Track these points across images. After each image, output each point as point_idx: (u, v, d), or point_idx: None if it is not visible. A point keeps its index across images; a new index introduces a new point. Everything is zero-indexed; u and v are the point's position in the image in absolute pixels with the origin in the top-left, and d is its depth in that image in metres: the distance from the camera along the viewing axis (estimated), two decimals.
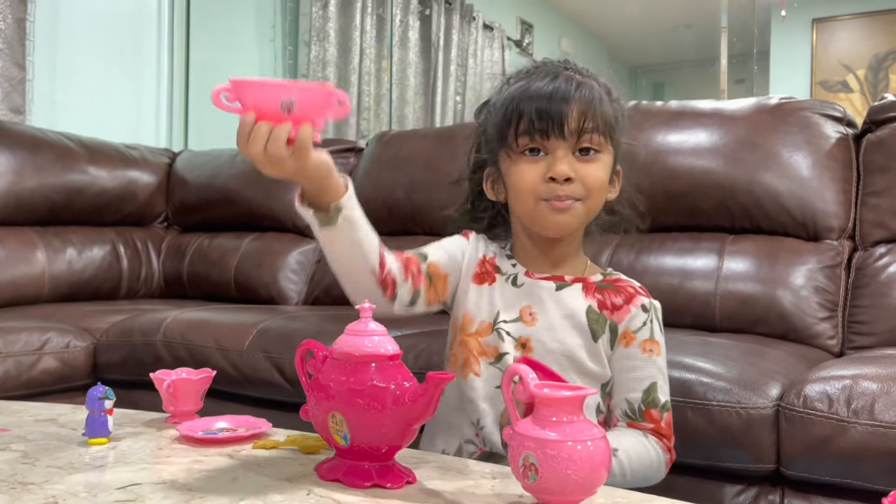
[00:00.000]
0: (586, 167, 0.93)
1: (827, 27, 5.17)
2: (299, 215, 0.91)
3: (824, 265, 1.56)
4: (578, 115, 0.92)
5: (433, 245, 1.03)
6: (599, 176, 0.94)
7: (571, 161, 0.93)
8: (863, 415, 1.02)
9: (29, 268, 2.14)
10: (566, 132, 0.92)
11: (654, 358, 0.97)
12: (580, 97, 0.92)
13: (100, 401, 0.88)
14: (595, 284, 0.99)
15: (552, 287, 0.99)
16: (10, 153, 2.17)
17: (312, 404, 0.77)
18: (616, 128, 0.97)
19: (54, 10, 2.70)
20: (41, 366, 1.63)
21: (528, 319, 0.97)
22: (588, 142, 0.93)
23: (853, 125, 1.68)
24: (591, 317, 0.97)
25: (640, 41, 6.27)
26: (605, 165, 0.96)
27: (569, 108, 0.91)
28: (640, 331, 0.97)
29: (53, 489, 0.71)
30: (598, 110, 0.93)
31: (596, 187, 0.94)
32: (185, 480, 0.74)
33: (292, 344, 1.52)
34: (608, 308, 0.97)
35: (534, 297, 0.98)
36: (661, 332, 0.99)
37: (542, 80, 0.94)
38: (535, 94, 0.93)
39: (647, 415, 0.95)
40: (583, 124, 0.92)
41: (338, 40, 3.60)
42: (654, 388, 0.96)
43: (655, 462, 0.93)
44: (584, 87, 0.93)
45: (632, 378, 0.96)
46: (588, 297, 0.98)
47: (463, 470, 0.80)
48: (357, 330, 0.76)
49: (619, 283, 1.01)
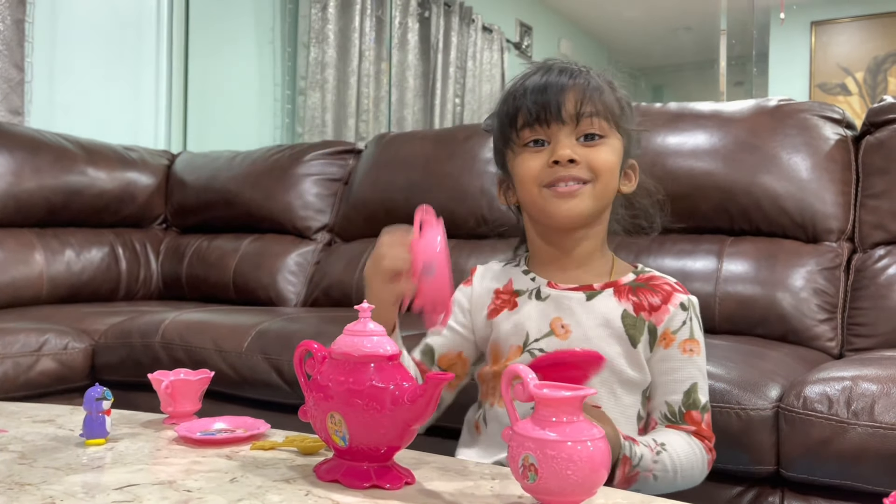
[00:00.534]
0: (592, 150, 0.92)
1: (826, 30, 5.18)
2: (299, 217, 0.93)
3: (823, 267, 1.56)
4: (576, 99, 0.91)
5: None
6: (608, 158, 0.92)
7: (575, 145, 0.92)
8: (863, 416, 1.02)
9: (27, 269, 2.13)
10: (565, 116, 0.91)
11: (695, 358, 0.94)
12: (575, 84, 0.92)
13: (97, 402, 0.87)
14: (628, 286, 0.95)
15: (582, 297, 0.95)
16: (9, 154, 2.16)
17: (311, 405, 0.76)
18: (622, 116, 0.95)
19: (53, 12, 2.70)
20: (39, 367, 1.63)
21: (560, 333, 0.94)
22: (590, 126, 0.92)
23: (852, 127, 1.68)
24: (627, 322, 0.93)
25: (640, 44, 6.28)
26: (613, 149, 0.93)
27: (565, 93, 0.91)
28: (680, 331, 0.93)
29: (51, 490, 0.71)
30: (597, 96, 0.92)
31: (605, 169, 0.92)
32: (183, 481, 0.74)
33: (291, 345, 1.52)
34: (645, 309, 0.93)
35: (563, 308, 0.95)
36: (700, 328, 0.96)
37: (537, 75, 0.94)
38: (530, 86, 0.93)
39: (687, 417, 0.92)
40: (580, 108, 0.91)
41: (337, 42, 3.60)
42: (695, 388, 0.93)
43: (700, 462, 0.92)
44: (580, 76, 0.93)
45: (672, 380, 0.93)
46: (622, 301, 0.94)
47: (462, 471, 0.79)
48: (356, 330, 0.76)
49: (653, 280, 0.97)
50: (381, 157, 2.21)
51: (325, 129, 3.54)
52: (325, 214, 2.33)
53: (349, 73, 3.65)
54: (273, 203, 2.33)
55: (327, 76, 3.55)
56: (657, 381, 0.94)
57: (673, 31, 5.77)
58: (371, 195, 2.18)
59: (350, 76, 3.65)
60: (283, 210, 2.32)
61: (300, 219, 2.31)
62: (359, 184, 2.24)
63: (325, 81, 3.55)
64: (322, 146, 2.42)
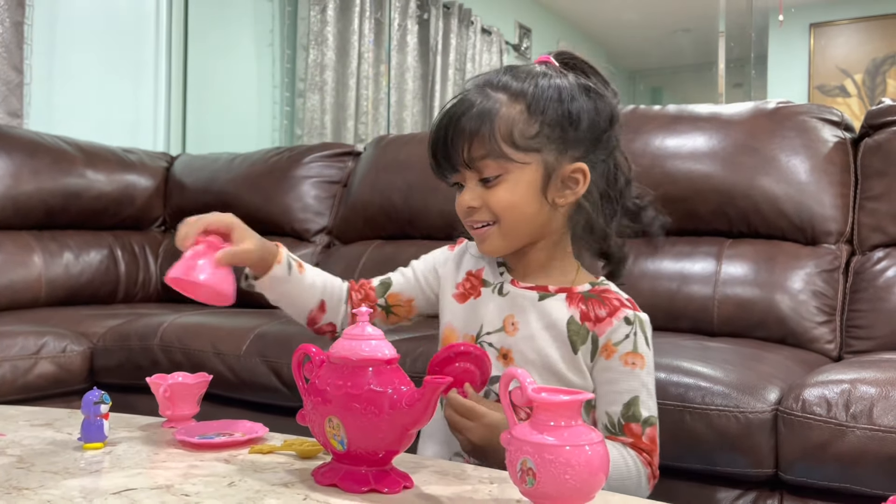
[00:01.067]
0: (490, 192, 0.94)
1: (825, 32, 5.19)
2: (297, 220, 0.96)
3: (822, 269, 1.56)
4: (459, 148, 0.93)
5: (412, 264, 1.11)
6: (503, 198, 0.93)
7: (476, 188, 0.94)
8: (861, 419, 1.02)
9: (26, 272, 2.13)
10: (459, 166, 0.94)
11: (637, 371, 0.94)
12: (464, 128, 0.92)
13: (95, 405, 0.87)
14: (581, 294, 0.97)
15: (535, 297, 0.98)
16: (8, 157, 2.16)
17: (309, 409, 0.76)
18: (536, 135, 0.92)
19: (52, 14, 2.70)
20: (37, 370, 1.63)
21: (510, 329, 0.97)
22: (483, 170, 0.93)
23: (851, 129, 1.68)
24: (571, 328, 0.95)
25: (639, 46, 6.29)
26: (513, 185, 0.93)
27: (455, 143, 0.93)
28: (622, 343, 0.94)
29: (49, 494, 0.71)
30: (487, 131, 0.91)
31: (502, 209, 0.94)
32: (181, 485, 0.74)
33: (289, 348, 1.51)
34: (591, 320, 0.95)
35: (517, 306, 0.98)
36: (647, 345, 0.95)
37: (436, 120, 0.96)
38: (431, 136, 0.96)
39: (626, 429, 0.93)
40: (468, 154, 0.92)
41: (336, 44, 3.61)
42: (636, 402, 0.93)
43: (634, 474, 0.91)
44: (470, 117, 0.92)
45: (612, 391, 0.94)
46: (571, 307, 0.96)
47: (460, 475, 0.79)
48: (354, 334, 0.76)
49: (605, 293, 0.98)
50: (379, 160, 2.21)
51: (325, 131, 3.54)
52: (324, 217, 2.33)
53: (348, 75, 3.65)
54: (272, 205, 2.33)
55: (326, 78, 3.55)
56: (599, 391, 0.95)
57: (672, 34, 5.78)
58: (370, 197, 2.18)
59: (349, 78, 3.65)
60: (282, 212, 2.32)
61: (299, 221, 2.31)
62: (358, 186, 2.24)
63: (324, 83, 3.55)
64: (321, 148, 2.42)
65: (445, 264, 1.08)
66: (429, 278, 1.08)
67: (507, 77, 0.96)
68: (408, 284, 1.09)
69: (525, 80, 0.95)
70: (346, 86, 3.64)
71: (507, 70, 0.98)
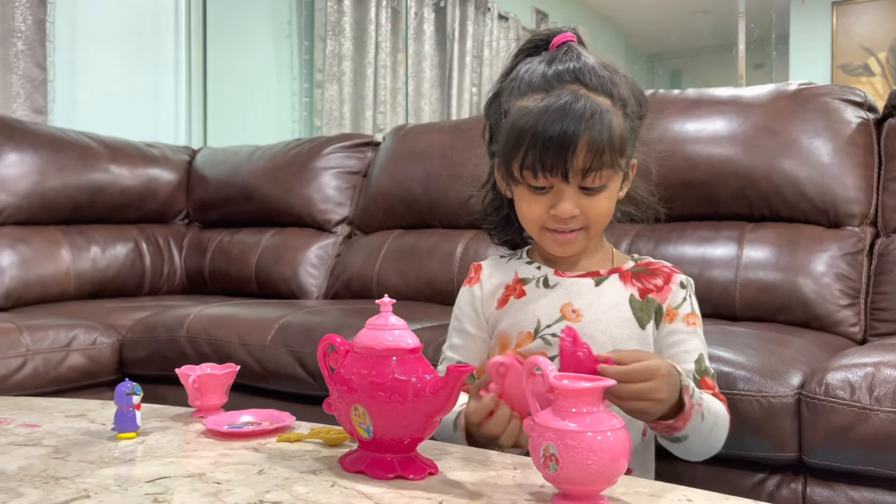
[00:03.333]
0: (591, 201, 0.93)
1: (847, 10, 5.09)
2: (318, 211, 0.90)
3: (846, 252, 1.54)
4: (584, 157, 0.89)
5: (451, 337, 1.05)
6: (604, 206, 0.94)
7: (576, 196, 0.92)
8: (885, 402, 1.02)
9: (55, 266, 2.17)
10: (570, 174, 0.90)
11: (698, 330, 0.98)
12: (588, 136, 0.88)
13: (128, 396, 0.90)
14: (630, 272, 1.00)
15: (591, 283, 0.98)
16: (34, 153, 2.20)
17: (335, 397, 0.78)
18: (629, 142, 0.94)
19: (73, 11, 2.74)
20: (69, 362, 1.67)
21: (571, 317, 0.96)
22: (594, 181, 0.91)
23: (874, 110, 1.66)
24: (634, 305, 0.97)
25: (657, 29, 6.22)
26: (611, 193, 0.95)
27: (576, 151, 0.88)
28: (682, 306, 0.98)
29: (85, 483, 0.73)
30: (608, 143, 0.89)
31: (600, 218, 0.95)
32: (212, 473, 0.76)
33: (314, 338, 1.54)
34: (651, 291, 0.98)
35: (573, 294, 0.98)
36: (697, 307, 1.00)
37: (550, 116, 0.89)
38: (542, 132, 0.89)
39: (703, 383, 0.95)
40: (590, 164, 0.89)
41: (353, 34, 3.61)
42: (702, 358, 0.96)
43: (725, 417, 0.93)
44: (595, 121, 0.89)
45: (682, 351, 0.96)
46: (628, 286, 0.98)
47: (485, 461, 0.81)
48: (378, 324, 0.77)
49: (651, 265, 1.01)
50: (399, 149, 2.22)
51: (343, 121, 3.56)
52: (345, 207, 2.35)
53: (366, 64, 3.66)
54: (293, 197, 2.35)
55: (344, 68, 3.57)
56: (667, 354, 0.96)
57: (690, 15, 5.71)
58: (390, 187, 2.19)
59: (367, 68, 3.66)
60: (303, 203, 2.34)
61: (320, 212, 2.33)
62: (377, 176, 2.25)
63: (342, 74, 3.56)
64: (340, 139, 2.44)
65: (481, 298, 1.03)
66: (478, 324, 1.03)
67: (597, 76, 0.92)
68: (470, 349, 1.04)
69: (608, 78, 0.93)
70: (363, 76, 3.65)
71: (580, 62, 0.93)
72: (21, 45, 2.49)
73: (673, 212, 1.76)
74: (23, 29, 2.50)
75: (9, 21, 2.48)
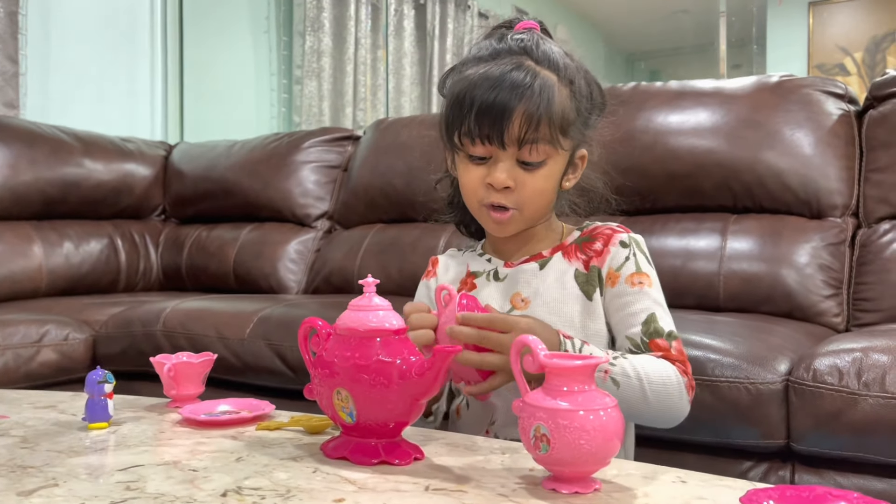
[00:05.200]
0: (528, 176, 0.90)
1: (823, 10, 5.14)
2: (298, 205, 0.88)
3: (828, 242, 1.55)
4: (521, 124, 0.87)
5: None
6: (539, 186, 0.91)
7: (512, 168, 0.89)
8: (874, 387, 1.01)
9: (26, 262, 2.12)
10: (507, 141, 0.88)
11: (646, 290, 0.91)
12: (525, 105, 0.87)
13: (99, 384, 0.86)
14: (573, 245, 0.97)
15: (535, 268, 0.96)
16: (5, 147, 2.15)
17: (317, 382, 0.75)
18: (573, 124, 0.92)
19: (46, 4, 2.68)
20: (40, 358, 1.62)
21: (521, 305, 0.95)
22: (529, 154, 0.89)
23: (855, 102, 1.67)
24: (579, 280, 0.94)
25: (637, 28, 6.24)
26: (550, 172, 0.92)
27: (511, 117, 0.86)
28: (624, 266, 0.92)
29: (53, 472, 0.70)
30: (546, 116, 0.88)
31: (534, 197, 0.91)
32: (188, 461, 0.73)
33: (293, 331, 1.49)
34: (592, 258, 0.94)
35: (520, 282, 0.96)
36: (649, 263, 0.94)
37: (490, 81, 0.88)
38: (478, 99, 0.88)
39: (652, 345, 0.89)
40: (524, 134, 0.87)
41: (332, 30, 3.58)
42: (653, 318, 0.90)
43: (675, 380, 0.85)
44: (534, 90, 0.87)
45: (627, 314, 0.91)
46: (571, 261, 0.95)
47: (471, 447, 0.78)
48: (361, 305, 0.75)
49: (595, 230, 0.97)
50: (379, 143, 2.20)
51: (323, 117, 3.52)
52: (325, 202, 2.32)
53: (345, 61, 3.63)
54: (272, 191, 2.32)
55: (323, 64, 3.53)
56: (614, 320, 0.93)
57: (671, 14, 5.74)
58: (370, 181, 2.16)
59: (346, 64, 3.63)
60: (283, 198, 2.30)
61: (300, 206, 2.29)
62: (358, 170, 2.22)
63: (321, 70, 3.53)
64: (320, 133, 2.41)
65: (434, 284, 1.02)
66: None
67: (547, 54, 0.91)
68: None
69: (561, 58, 0.92)
70: (343, 72, 3.62)
71: (533, 40, 0.92)
72: None
73: (656, 204, 1.78)
74: None
75: None
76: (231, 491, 0.64)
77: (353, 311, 0.75)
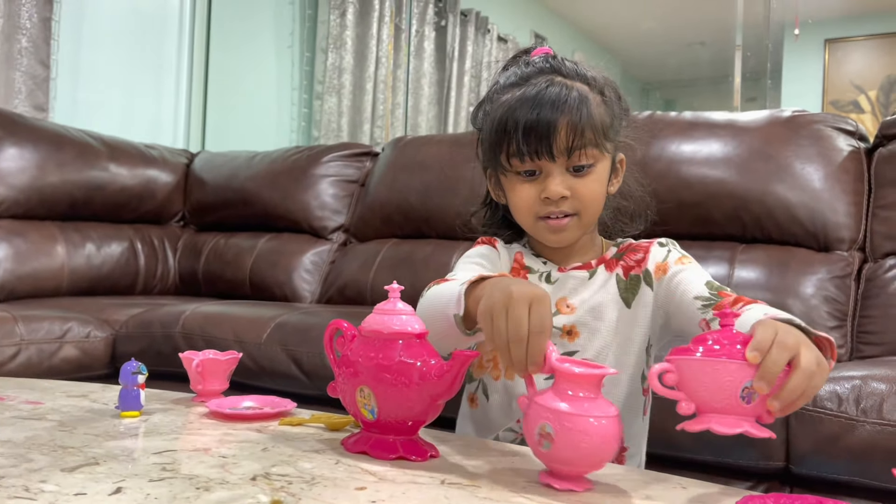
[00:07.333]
0: (581, 182, 0.94)
1: (839, 48, 5.21)
2: (315, 217, 0.88)
3: (834, 275, 1.58)
4: (567, 134, 0.91)
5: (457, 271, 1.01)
6: (594, 189, 0.96)
7: (565, 178, 0.94)
8: (872, 414, 1.04)
9: (49, 261, 2.17)
10: (556, 153, 0.92)
11: (693, 265, 0.97)
12: (568, 115, 0.91)
13: (133, 375, 0.91)
14: (613, 259, 1.02)
15: (585, 276, 1.01)
16: (34, 148, 2.21)
17: (341, 380, 0.80)
18: (611, 127, 0.97)
19: (79, 11, 2.76)
20: (62, 354, 1.67)
21: (565, 310, 0.99)
22: (579, 158, 0.93)
23: (865, 139, 1.71)
24: (620, 286, 0.99)
25: (654, 57, 6.32)
26: (600, 175, 0.97)
27: (556, 131, 0.91)
28: (668, 257, 0.98)
29: (93, 452, 0.74)
30: (588, 122, 0.92)
31: (591, 200, 0.96)
32: (218, 449, 0.77)
33: (309, 337, 1.55)
34: (633, 267, 1.00)
35: (567, 288, 1.00)
36: (685, 253, 1.00)
37: (530, 101, 0.93)
38: (522, 120, 0.92)
39: (723, 295, 0.90)
40: (572, 143, 0.92)
41: (354, 48, 3.66)
42: (712, 279, 0.94)
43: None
44: (572, 100, 0.92)
45: (687, 282, 0.93)
46: (613, 271, 1.01)
47: (483, 448, 0.82)
48: (385, 309, 0.79)
49: (630, 245, 1.03)
50: (397, 160, 2.25)
51: (341, 133, 3.59)
52: (342, 215, 2.37)
53: (365, 78, 3.70)
54: (290, 203, 2.37)
55: (344, 81, 3.60)
56: (677, 295, 0.94)
57: (688, 46, 5.81)
58: (387, 197, 2.21)
59: (366, 82, 3.70)
60: (300, 210, 2.36)
61: (317, 219, 2.35)
62: (375, 185, 2.27)
63: (341, 86, 3.60)
64: (340, 148, 2.46)
65: (500, 257, 1.05)
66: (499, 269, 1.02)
67: (572, 68, 0.97)
68: None
69: (587, 70, 0.98)
70: (363, 89, 3.69)
71: (557, 59, 0.99)
72: (25, 42, 2.51)
73: (666, 231, 1.81)
74: (28, 26, 2.52)
75: (14, 18, 2.50)
76: (260, 476, 0.68)
77: (378, 314, 0.79)
